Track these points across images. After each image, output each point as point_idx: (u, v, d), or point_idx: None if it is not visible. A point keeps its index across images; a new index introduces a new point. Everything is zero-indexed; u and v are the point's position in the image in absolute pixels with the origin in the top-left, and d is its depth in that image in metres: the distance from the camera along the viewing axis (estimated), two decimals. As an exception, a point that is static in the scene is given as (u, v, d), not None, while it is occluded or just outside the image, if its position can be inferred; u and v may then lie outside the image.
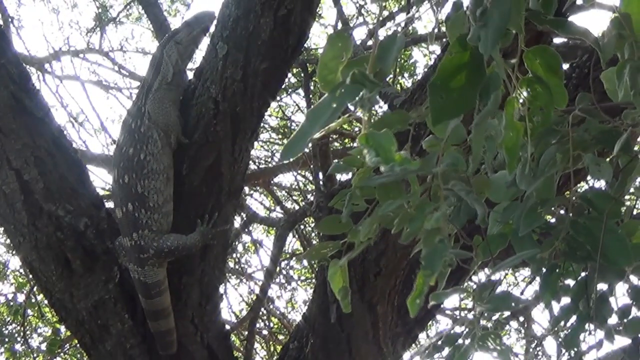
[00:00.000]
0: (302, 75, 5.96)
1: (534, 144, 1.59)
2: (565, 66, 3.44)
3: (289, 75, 6.94)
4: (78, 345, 4.75)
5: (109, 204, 3.84)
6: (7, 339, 7.28)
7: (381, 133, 1.38)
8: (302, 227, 7.17)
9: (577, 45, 4.01)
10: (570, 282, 1.78)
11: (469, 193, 1.72)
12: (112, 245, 3.58)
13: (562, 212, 1.80)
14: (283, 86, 6.04)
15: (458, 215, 1.79)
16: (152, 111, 3.49)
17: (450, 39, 1.54)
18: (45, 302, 4.88)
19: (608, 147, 1.71)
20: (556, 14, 1.58)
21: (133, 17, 8.79)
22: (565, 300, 1.79)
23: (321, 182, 5.25)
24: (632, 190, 1.90)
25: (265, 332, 7.69)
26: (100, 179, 8.68)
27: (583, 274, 1.75)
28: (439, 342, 1.91)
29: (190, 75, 3.73)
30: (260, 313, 6.79)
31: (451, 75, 1.44)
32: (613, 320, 1.77)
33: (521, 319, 6.99)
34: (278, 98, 7.24)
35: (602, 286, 1.75)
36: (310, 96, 5.76)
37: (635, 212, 2.33)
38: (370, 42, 6.64)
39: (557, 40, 4.12)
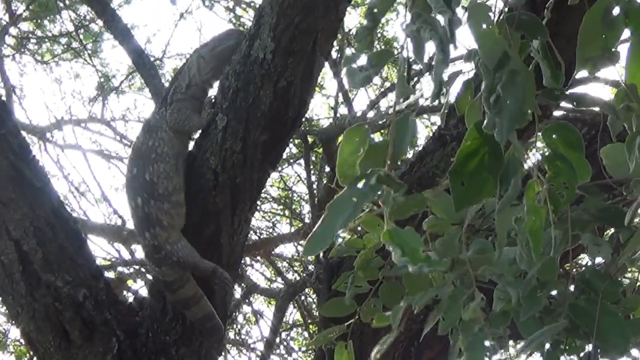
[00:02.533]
0: (303, 145, 5.97)
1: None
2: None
3: (290, 145, 6.96)
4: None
5: (109, 275, 3.82)
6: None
7: (405, 231, 1.38)
8: (302, 297, 7.14)
9: (577, 117, 4.02)
10: (574, 357, 1.77)
11: (500, 277, 1.72)
12: (111, 315, 3.54)
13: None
14: (284, 157, 6.05)
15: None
16: (168, 116, 3.49)
17: (468, 124, 1.55)
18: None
19: (608, 224, 1.70)
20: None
21: (135, 87, 8.84)
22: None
23: (321, 254, 5.23)
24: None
25: (265, 404, 7.61)
26: (101, 248, 8.65)
27: (588, 348, 1.74)
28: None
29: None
30: (260, 384, 6.74)
31: (470, 162, 1.46)
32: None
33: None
34: (279, 168, 7.25)
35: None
36: (311, 167, 5.77)
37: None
38: (370, 114, 6.68)
39: (556, 113, 4.13)
